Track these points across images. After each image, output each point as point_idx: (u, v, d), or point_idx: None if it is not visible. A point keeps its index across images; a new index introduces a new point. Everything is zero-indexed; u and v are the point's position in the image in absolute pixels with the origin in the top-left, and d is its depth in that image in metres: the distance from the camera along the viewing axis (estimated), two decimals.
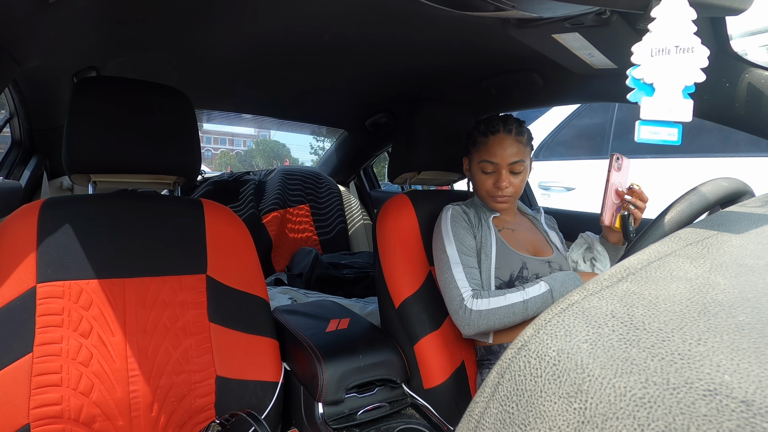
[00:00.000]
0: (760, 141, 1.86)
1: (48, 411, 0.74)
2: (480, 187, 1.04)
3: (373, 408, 0.92)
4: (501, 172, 0.99)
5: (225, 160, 27.49)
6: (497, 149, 0.99)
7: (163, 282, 0.86)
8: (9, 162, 1.44)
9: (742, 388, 0.19)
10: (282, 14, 0.97)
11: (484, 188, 1.02)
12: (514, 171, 1.00)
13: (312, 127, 2.19)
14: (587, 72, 1.03)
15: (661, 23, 0.48)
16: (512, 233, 1.04)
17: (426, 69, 1.31)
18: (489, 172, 1.01)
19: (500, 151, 0.99)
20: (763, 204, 0.46)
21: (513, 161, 0.99)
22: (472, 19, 0.85)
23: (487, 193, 1.02)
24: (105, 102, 0.86)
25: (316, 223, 2.12)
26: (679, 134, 0.49)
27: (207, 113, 1.96)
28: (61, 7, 0.86)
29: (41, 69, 1.14)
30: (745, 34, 2.18)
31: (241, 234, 0.97)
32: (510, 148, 0.99)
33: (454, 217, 1.02)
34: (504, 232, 1.03)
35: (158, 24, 1.02)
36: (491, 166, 1.00)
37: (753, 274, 0.28)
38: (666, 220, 0.59)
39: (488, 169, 1.01)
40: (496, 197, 1.01)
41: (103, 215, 0.86)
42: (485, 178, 1.02)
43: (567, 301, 0.28)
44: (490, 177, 1.01)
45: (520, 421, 0.23)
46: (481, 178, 1.02)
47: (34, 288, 0.77)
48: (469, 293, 0.92)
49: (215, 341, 0.87)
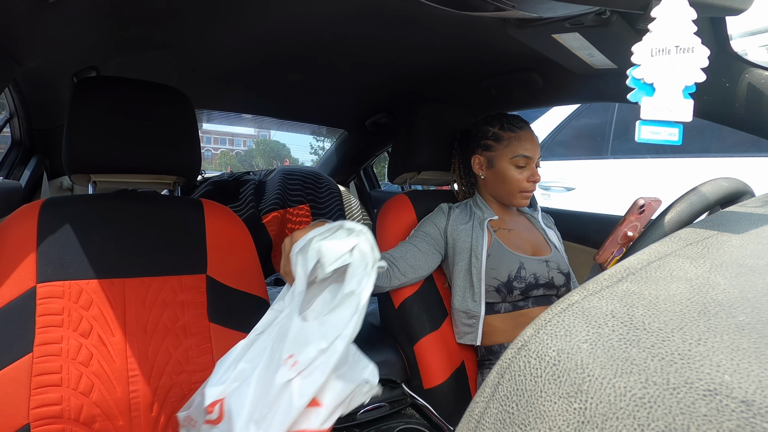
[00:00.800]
0: (760, 141, 1.86)
1: (48, 411, 0.74)
2: (512, 184, 1.01)
3: (373, 408, 0.92)
4: (533, 166, 1.00)
5: (225, 160, 27.50)
6: (529, 144, 1.00)
7: (163, 282, 0.86)
8: (9, 162, 1.44)
9: (742, 388, 0.19)
10: (282, 14, 0.97)
11: (518, 185, 1.00)
12: (538, 165, 1.02)
13: (312, 127, 2.19)
14: (587, 72, 1.03)
15: (661, 23, 0.48)
16: (509, 233, 1.03)
17: (426, 69, 1.31)
18: (522, 166, 1.00)
19: (532, 146, 1.00)
20: (763, 204, 0.46)
21: (540, 156, 1.02)
22: (472, 19, 0.85)
23: (519, 188, 1.01)
24: (105, 102, 0.86)
25: None
26: (679, 134, 0.49)
27: (207, 113, 1.96)
28: (61, 7, 0.86)
29: (41, 69, 1.14)
30: (745, 34, 2.18)
31: (241, 234, 0.97)
32: (536, 143, 1.01)
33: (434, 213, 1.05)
34: (500, 233, 1.02)
35: (158, 24, 1.02)
36: (525, 160, 0.99)
37: (753, 274, 0.28)
38: (666, 220, 0.59)
39: (522, 164, 1.00)
40: (526, 192, 1.01)
41: (103, 215, 0.86)
42: (518, 173, 1.00)
43: (567, 301, 0.28)
44: (523, 172, 1.00)
45: (520, 421, 0.23)
46: (514, 173, 1.00)
47: (34, 288, 0.77)
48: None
49: (215, 341, 0.87)
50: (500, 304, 0.97)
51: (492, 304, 0.97)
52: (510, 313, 0.97)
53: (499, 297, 0.96)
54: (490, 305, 0.96)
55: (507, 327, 0.96)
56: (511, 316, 0.97)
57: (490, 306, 0.96)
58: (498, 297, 0.96)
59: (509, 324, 0.96)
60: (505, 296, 0.95)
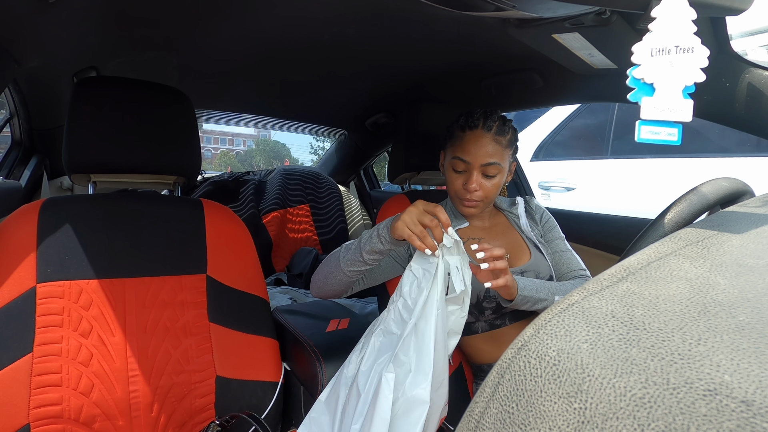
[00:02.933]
0: (760, 141, 1.87)
1: (48, 411, 0.74)
2: (449, 187, 0.95)
3: None
4: (472, 172, 0.89)
5: (225, 160, 27.50)
6: (471, 146, 0.88)
7: (163, 282, 0.86)
8: (9, 162, 1.44)
9: (742, 388, 0.19)
10: (282, 14, 0.97)
11: (452, 188, 0.93)
12: (488, 174, 0.89)
13: (312, 127, 2.19)
14: (587, 72, 1.03)
15: (661, 23, 0.48)
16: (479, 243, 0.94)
17: (426, 69, 1.31)
18: (460, 170, 0.91)
19: (474, 149, 0.88)
20: (763, 204, 0.46)
21: (487, 162, 0.88)
22: (472, 19, 0.85)
23: (456, 194, 0.93)
24: (105, 102, 0.86)
25: (316, 223, 2.12)
26: (679, 134, 0.49)
27: (207, 113, 1.96)
28: (61, 7, 0.86)
29: (41, 69, 1.14)
30: (745, 34, 2.18)
31: (241, 234, 0.97)
32: (486, 147, 0.88)
33: None
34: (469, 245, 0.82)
35: (158, 24, 1.02)
36: (462, 164, 0.90)
37: (753, 274, 0.28)
38: (666, 220, 0.59)
39: (459, 168, 0.91)
40: (463, 200, 0.91)
41: (103, 215, 0.86)
42: (455, 177, 0.92)
43: (567, 301, 0.28)
44: (460, 176, 0.91)
45: (520, 421, 0.23)
46: (452, 176, 0.93)
47: (34, 288, 0.77)
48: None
49: (215, 341, 0.87)
50: (476, 324, 0.93)
51: (468, 324, 0.92)
52: (488, 333, 0.93)
53: (472, 317, 0.91)
54: (467, 326, 0.91)
55: (490, 348, 0.93)
56: (490, 336, 0.93)
57: (467, 326, 0.91)
58: (471, 317, 0.91)
59: (490, 345, 0.93)
60: (478, 315, 0.91)
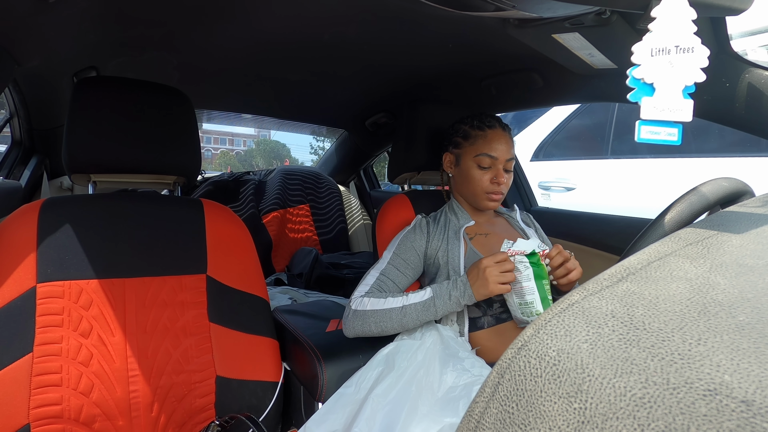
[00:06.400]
0: (760, 141, 1.86)
1: (48, 411, 0.74)
2: (474, 184, 0.99)
3: None
4: (498, 167, 0.97)
5: (225, 160, 27.51)
6: (497, 143, 0.96)
7: (163, 282, 0.86)
8: (9, 162, 1.44)
9: (742, 388, 0.19)
10: (282, 14, 0.97)
11: (479, 185, 0.98)
12: (507, 169, 0.98)
13: (312, 127, 2.19)
14: (587, 72, 1.03)
15: (661, 23, 0.48)
16: (486, 238, 0.99)
17: (426, 69, 1.31)
18: (486, 167, 0.97)
19: (499, 146, 0.96)
20: (763, 204, 0.46)
21: (509, 157, 0.98)
22: (472, 19, 0.85)
23: (483, 190, 0.98)
24: (105, 102, 0.86)
25: (316, 223, 2.12)
26: (679, 134, 0.49)
27: (207, 113, 1.96)
28: (61, 7, 0.86)
29: (41, 69, 1.14)
30: (745, 34, 2.18)
31: (241, 234, 0.97)
32: (508, 144, 0.98)
33: (412, 230, 0.99)
34: (477, 240, 0.98)
35: (158, 24, 1.02)
36: (489, 160, 0.96)
37: (753, 274, 0.28)
38: (666, 220, 0.59)
39: (485, 164, 0.97)
40: (491, 194, 0.98)
41: (103, 215, 0.86)
42: (481, 174, 0.97)
43: (567, 301, 0.28)
44: (486, 173, 0.97)
45: (520, 421, 0.23)
46: (476, 173, 0.98)
47: (34, 288, 0.77)
48: (362, 293, 0.89)
49: (215, 341, 0.87)
50: (482, 319, 0.93)
51: (474, 319, 0.93)
52: (494, 328, 0.93)
53: (479, 311, 0.93)
54: (473, 321, 0.93)
55: (493, 344, 0.92)
56: (495, 331, 0.93)
57: (473, 322, 0.93)
58: (478, 312, 0.93)
59: (494, 341, 0.93)
60: (486, 310, 0.93)
